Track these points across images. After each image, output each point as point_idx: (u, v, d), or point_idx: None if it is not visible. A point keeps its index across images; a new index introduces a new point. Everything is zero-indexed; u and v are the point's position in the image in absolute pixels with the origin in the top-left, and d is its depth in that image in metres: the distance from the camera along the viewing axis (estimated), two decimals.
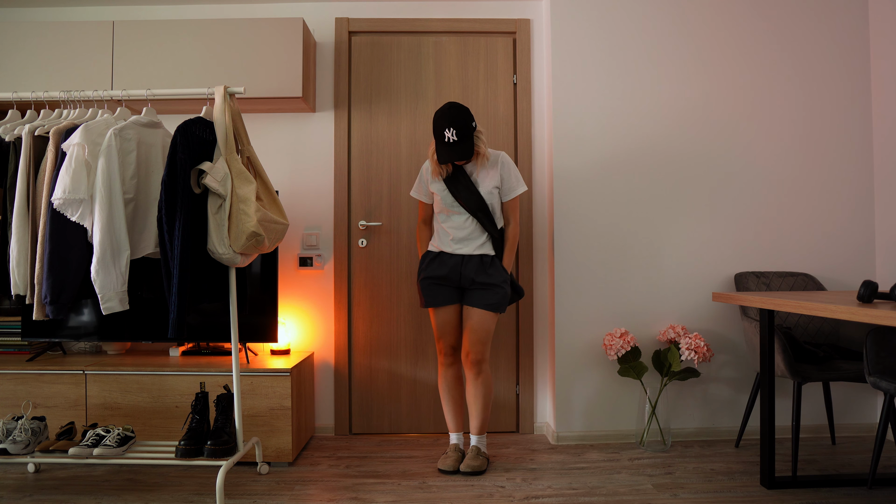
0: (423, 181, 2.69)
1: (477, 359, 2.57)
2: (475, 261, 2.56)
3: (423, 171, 2.69)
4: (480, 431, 2.65)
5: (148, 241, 2.32)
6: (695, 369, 2.85)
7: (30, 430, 2.32)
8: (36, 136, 2.26)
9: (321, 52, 3.19)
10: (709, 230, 3.05)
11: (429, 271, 2.60)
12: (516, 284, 2.68)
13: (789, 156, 3.08)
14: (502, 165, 2.60)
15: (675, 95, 3.05)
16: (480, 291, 2.56)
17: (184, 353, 2.96)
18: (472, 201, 2.54)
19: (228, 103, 2.29)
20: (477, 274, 2.55)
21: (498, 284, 2.55)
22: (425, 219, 2.75)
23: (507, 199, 2.62)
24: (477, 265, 2.56)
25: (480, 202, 2.54)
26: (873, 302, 1.92)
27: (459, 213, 2.57)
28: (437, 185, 2.60)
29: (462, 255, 2.57)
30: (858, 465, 2.64)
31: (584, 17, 3.05)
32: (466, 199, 2.54)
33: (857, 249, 3.08)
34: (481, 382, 2.60)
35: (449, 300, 2.61)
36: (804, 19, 3.09)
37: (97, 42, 2.87)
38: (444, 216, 2.61)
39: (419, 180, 2.71)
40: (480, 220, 2.55)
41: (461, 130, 2.44)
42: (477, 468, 2.55)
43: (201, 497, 2.32)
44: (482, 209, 2.55)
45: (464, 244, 2.57)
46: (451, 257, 2.58)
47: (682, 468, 2.61)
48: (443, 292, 2.60)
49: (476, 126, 2.53)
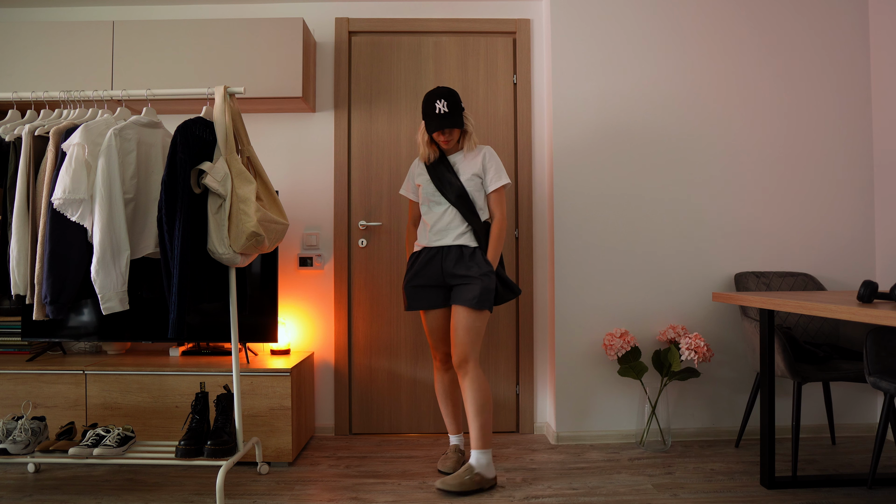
0: (410, 176, 2.65)
1: (459, 360, 2.39)
2: (454, 253, 2.46)
3: (412, 168, 2.65)
4: (480, 445, 2.35)
5: (148, 241, 2.32)
6: (695, 369, 2.85)
7: (30, 430, 2.32)
8: (36, 136, 2.26)
9: (321, 52, 3.19)
10: (709, 230, 3.05)
11: (410, 272, 2.54)
12: (508, 281, 2.52)
13: (789, 156, 3.08)
14: (485, 156, 2.53)
15: (675, 95, 3.05)
16: (460, 287, 2.43)
17: (184, 353, 2.96)
18: (451, 189, 2.47)
19: (228, 103, 2.29)
20: (456, 266, 2.44)
21: (477, 277, 2.39)
22: (414, 219, 2.69)
23: (490, 191, 2.52)
24: (456, 257, 2.45)
25: (460, 190, 2.46)
26: (873, 302, 1.92)
27: (439, 203, 2.50)
28: (422, 176, 2.55)
29: (440, 246, 2.48)
30: (858, 465, 2.64)
31: (584, 17, 3.05)
32: (447, 187, 2.47)
33: (857, 249, 3.08)
34: (468, 385, 2.37)
35: (434, 303, 2.50)
36: (804, 20, 3.09)
37: (97, 42, 2.87)
38: (426, 208, 2.54)
39: (408, 177, 2.67)
40: (460, 208, 2.46)
41: (452, 105, 2.44)
42: (453, 487, 2.29)
43: (201, 497, 2.32)
44: (461, 197, 2.46)
45: (442, 235, 2.48)
46: (429, 251, 2.50)
47: (682, 468, 2.61)
48: (427, 294, 2.50)
49: (465, 109, 2.52)
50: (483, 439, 2.36)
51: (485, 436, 2.36)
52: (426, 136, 2.52)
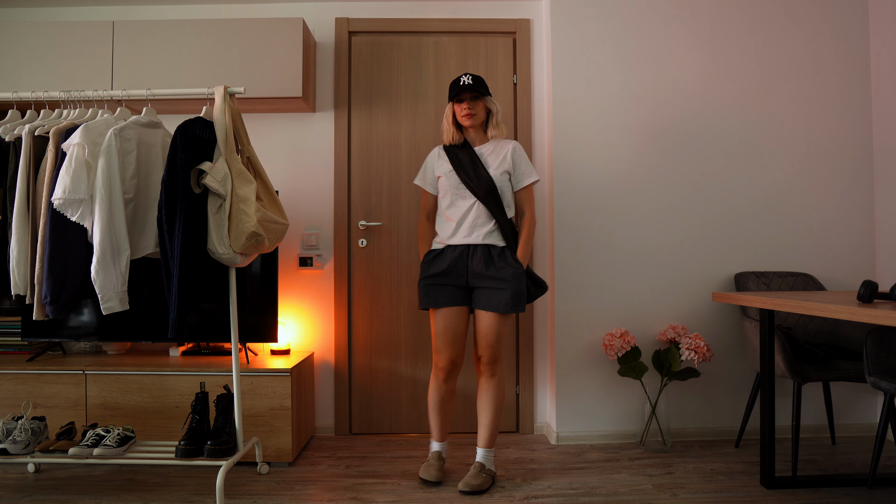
0: (429, 167, 2.53)
1: (490, 362, 2.38)
2: (481, 252, 2.35)
3: (430, 158, 2.55)
4: (489, 444, 2.42)
5: (148, 241, 2.32)
6: (695, 369, 2.85)
7: (30, 430, 2.32)
8: (36, 136, 2.26)
9: (321, 52, 3.19)
10: (709, 230, 3.05)
11: (431, 269, 2.41)
12: (537, 278, 2.45)
13: (789, 156, 3.08)
14: (514, 151, 2.45)
15: (675, 95, 3.05)
16: (488, 290, 2.34)
17: (184, 353, 2.96)
18: (479, 183, 2.36)
19: (228, 103, 2.29)
20: (485, 268, 2.33)
21: (508, 280, 2.31)
22: (428, 213, 2.56)
23: (520, 187, 2.45)
24: (484, 257, 2.34)
25: (489, 183, 2.36)
26: (873, 302, 1.92)
27: (465, 198, 2.39)
28: (444, 166, 2.45)
29: (467, 244, 2.37)
30: (858, 465, 2.64)
31: (584, 16, 3.05)
32: (474, 180, 2.36)
33: (857, 249, 3.08)
34: (495, 385, 2.40)
35: (452, 300, 2.37)
36: (804, 20, 3.09)
37: (97, 42, 2.87)
38: (448, 201, 2.42)
39: (424, 168, 2.56)
40: (488, 203, 2.35)
41: (477, 79, 2.42)
42: (477, 487, 2.32)
43: (201, 497, 2.32)
44: (491, 191, 2.36)
45: (469, 232, 2.37)
46: (454, 249, 2.38)
47: (682, 468, 2.61)
48: (445, 292, 2.37)
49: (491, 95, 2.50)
50: (493, 438, 2.44)
51: (494, 435, 2.44)
52: (451, 117, 2.47)
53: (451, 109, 2.48)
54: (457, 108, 2.45)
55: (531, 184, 2.47)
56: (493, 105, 2.46)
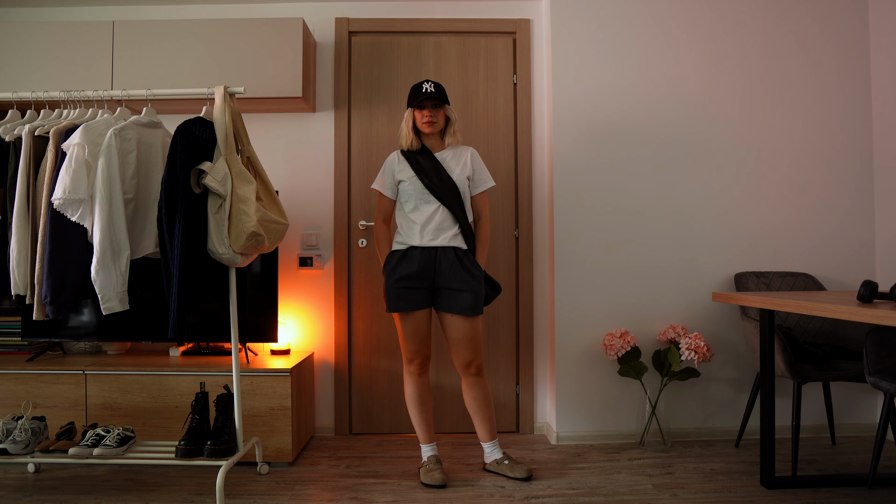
0: (389, 172, 2.54)
1: (472, 367, 2.48)
2: (450, 255, 2.43)
3: (389, 162, 2.56)
4: (493, 436, 2.56)
5: (148, 241, 2.32)
6: (695, 369, 2.85)
7: (30, 430, 2.32)
8: (36, 136, 2.26)
9: (321, 52, 3.19)
10: (709, 230, 3.05)
11: (399, 271, 2.43)
12: (492, 280, 2.54)
13: (789, 156, 3.07)
14: (472, 157, 2.55)
15: (675, 95, 3.05)
16: (453, 292, 2.42)
17: (184, 353, 2.96)
18: (444, 188, 2.44)
19: (228, 103, 2.29)
20: (454, 270, 2.42)
21: (473, 283, 2.42)
22: (386, 217, 2.57)
23: (476, 193, 2.55)
24: (452, 261, 2.43)
25: (453, 189, 2.45)
26: (873, 302, 1.92)
27: (429, 202, 2.46)
28: (406, 171, 2.48)
29: (434, 247, 2.44)
30: (858, 465, 2.64)
31: (584, 16, 3.05)
32: (438, 185, 2.44)
33: (857, 249, 3.08)
34: (481, 385, 2.51)
35: (421, 304, 2.45)
36: (804, 20, 3.09)
37: (97, 42, 2.87)
38: (412, 205, 2.48)
39: (383, 172, 2.56)
40: (452, 207, 2.45)
41: (439, 87, 2.48)
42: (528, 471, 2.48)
43: (201, 497, 2.32)
44: (455, 196, 2.45)
45: (435, 235, 2.44)
46: (422, 252, 2.44)
47: (682, 468, 2.61)
48: (415, 296, 2.43)
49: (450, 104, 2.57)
50: (493, 430, 2.56)
51: (495, 426, 2.57)
52: (411, 123, 2.51)
53: (412, 115, 2.51)
54: (417, 115, 2.50)
55: (487, 189, 2.57)
56: (451, 113, 2.53)
